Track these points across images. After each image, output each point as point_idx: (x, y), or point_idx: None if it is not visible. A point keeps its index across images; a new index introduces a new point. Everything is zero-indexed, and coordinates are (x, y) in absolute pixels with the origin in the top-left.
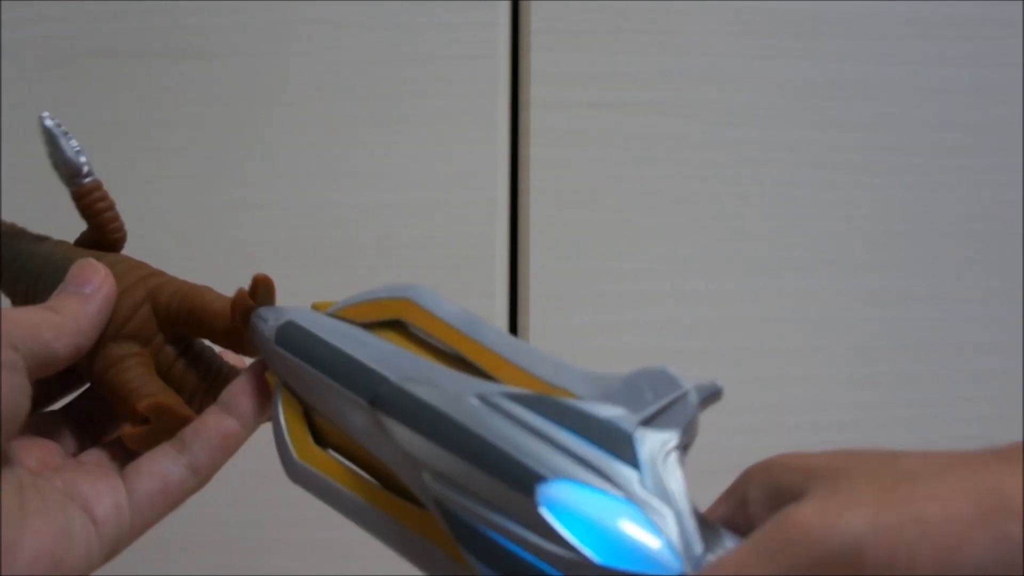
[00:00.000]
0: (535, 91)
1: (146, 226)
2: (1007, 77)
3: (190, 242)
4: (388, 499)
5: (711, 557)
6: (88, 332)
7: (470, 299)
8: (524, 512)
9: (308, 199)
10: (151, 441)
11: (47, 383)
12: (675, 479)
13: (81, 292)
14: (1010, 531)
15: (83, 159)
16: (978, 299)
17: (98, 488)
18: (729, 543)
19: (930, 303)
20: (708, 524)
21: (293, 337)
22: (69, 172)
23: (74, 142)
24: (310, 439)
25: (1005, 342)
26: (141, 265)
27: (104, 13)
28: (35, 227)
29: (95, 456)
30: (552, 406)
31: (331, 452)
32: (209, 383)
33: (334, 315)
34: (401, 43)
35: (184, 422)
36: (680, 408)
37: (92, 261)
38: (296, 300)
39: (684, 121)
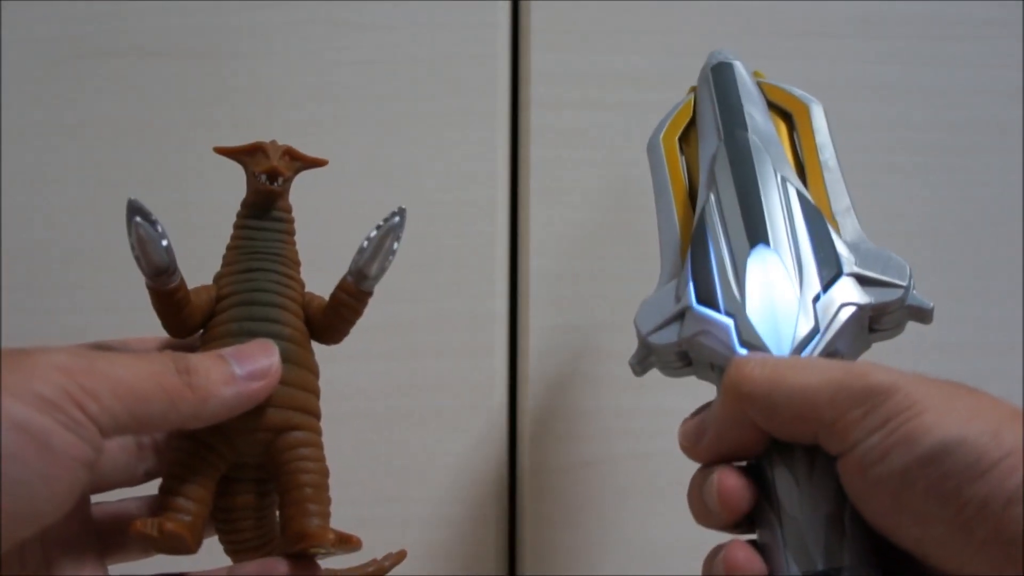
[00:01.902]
0: (535, 91)
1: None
2: (1007, 77)
3: (189, 242)
4: (682, 196)
5: (800, 357)
6: (206, 420)
7: (470, 299)
8: (740, 251)
9: (307, 199)
10: (150, 548)
11: None
12: (837, 322)
13: (233, 368)
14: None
15: (171, 253)
16: (978, 299)
17: None
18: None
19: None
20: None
21: (724, 72)
22: (154, 269)
23: (162, 234)
24: (677, 134)
25: (1005, 342)
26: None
27: (104, 13)
28: (34, 227)
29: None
30: (816, 218)
31: (680, 148)
32: (258, 540)
33: (758, 82)
34: (401, 43)
35: (186, 552)
36: (889, 291)
37: (270, 345)
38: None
39: None
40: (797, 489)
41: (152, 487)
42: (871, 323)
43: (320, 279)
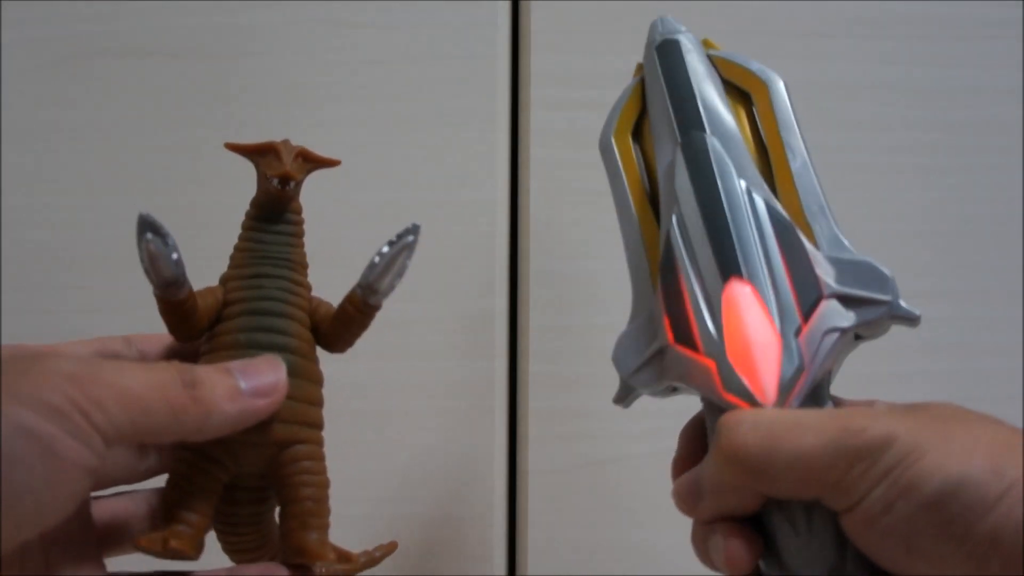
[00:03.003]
0: (535, 91)
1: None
2: (1007, 77)
3: (189, 243)
4: (644, 207)
5: (793, 412)
6: (208, 434)
7: (470, 299)
8: (712, 285)
9: (307, 199)
10: (156, 555)
11: None
12: (822, 352)
13: (239, 383)
14: None
15: (181, 266)
16: (978, 299)
17: None
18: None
19: (929, 303)
20: (820, 396)
21: (670, 53)
22: (164, 282)
23: (172, 247)
24: (629, 129)
25: (1005, 342)
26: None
27: (104, 13)
28: (35, 227)
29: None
30: (789, 234)
31: (635, 146)
32: (257, 542)
33: (711, 57)
34: (401, 43)
35: (189, 560)
36: (873, 309)
37: (278, 362)
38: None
39: None
40: (797, 542)
41: (151, 482)
42: (856, 333)
43: (319, 277)
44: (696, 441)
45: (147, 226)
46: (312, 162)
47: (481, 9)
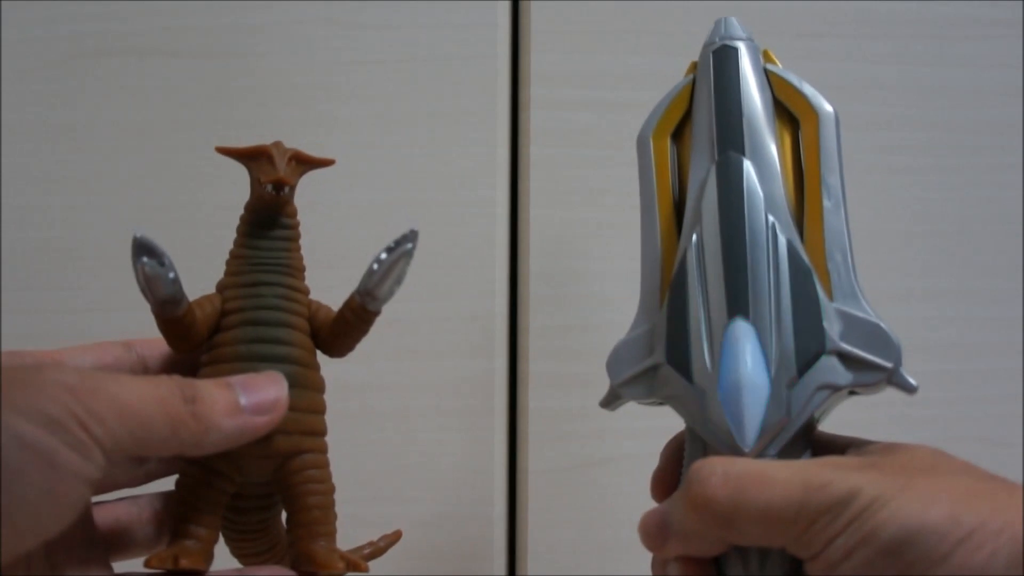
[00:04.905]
0: (535, 91)
1: (144, 227)
2: (1007, 77)
3: (189, 243)
4: (669, 216)
5: (761, 465)
6: (207, 449)
7: (470, 299)
8: (717, 317)
9: (307, 199)
10: (155, 546)
11: None
12: (810, 408)
13: (239, 399)
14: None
15: (178, 284)
16: (978, 299)
17: None
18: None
19: (929, 303)
20: (801, 443)
21: (726, 60)
22: (161, 301)
23: (168, 267)
24: (670, 130)
25: (1005, 342)
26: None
27: (104, 13)
28: (35, 227)
29: None
30: (804, 280)
31: (672, 148)
32: (264, 545)
33: (767, 72)
34: (401, 43)
35: (199, 570)
36: (871, 374)
37: (280, 378)
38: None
39: None
40: None
41: (152, 485)
42: (851, 390)
43: (319, 278)
44: (677, 459)
45: (142, 249)
46: (306, 164)
47: (481, 9)
